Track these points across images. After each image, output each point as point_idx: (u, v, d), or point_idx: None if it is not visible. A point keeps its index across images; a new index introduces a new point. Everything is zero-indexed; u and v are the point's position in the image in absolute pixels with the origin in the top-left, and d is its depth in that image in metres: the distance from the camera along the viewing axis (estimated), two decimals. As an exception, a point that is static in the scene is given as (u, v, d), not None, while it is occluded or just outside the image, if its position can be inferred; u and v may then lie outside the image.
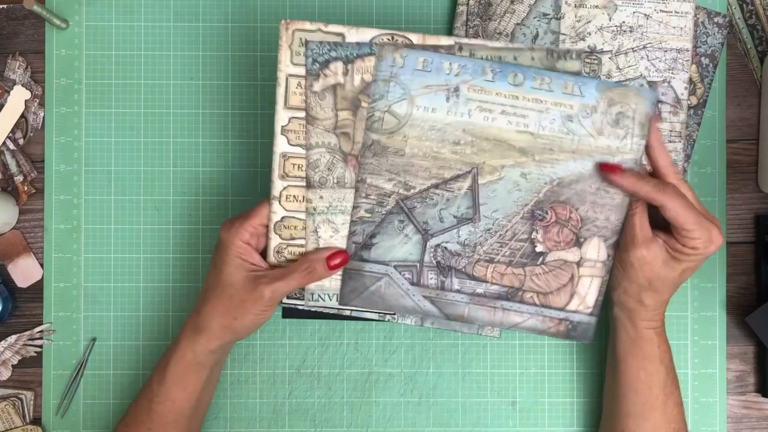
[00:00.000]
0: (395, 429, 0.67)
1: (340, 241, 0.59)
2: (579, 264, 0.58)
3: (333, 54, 0.56)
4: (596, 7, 0.66)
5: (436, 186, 0.58)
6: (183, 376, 0.57)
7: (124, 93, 0.68)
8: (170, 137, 0.68)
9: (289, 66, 0.56)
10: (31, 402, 0.67)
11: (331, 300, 0.61)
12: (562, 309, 0.59)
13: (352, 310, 0.62)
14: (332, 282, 0.60)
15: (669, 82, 0.66)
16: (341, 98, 0.56)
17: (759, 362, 0.67)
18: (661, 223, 0.56)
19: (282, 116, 0.57)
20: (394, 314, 0.67)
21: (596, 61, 0.66)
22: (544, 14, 0.66)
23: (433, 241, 0.59)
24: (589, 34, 0.66)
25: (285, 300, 0.66)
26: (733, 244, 0.68)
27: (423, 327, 0.67)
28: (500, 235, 0.58)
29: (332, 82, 0.56)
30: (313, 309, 0.61)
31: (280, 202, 0.58)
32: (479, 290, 0.59)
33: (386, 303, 0.60)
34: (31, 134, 0.68)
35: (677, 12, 0.66)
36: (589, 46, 0.66)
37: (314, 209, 0.58)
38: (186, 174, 0.68)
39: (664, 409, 0.59)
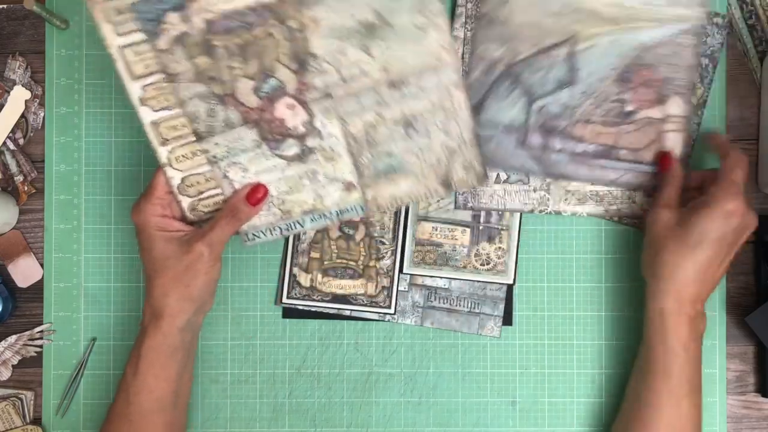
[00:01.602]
0: (395, 429, 0.67)
1: (253, 179, 0.59)
2: (664, 120, 0.63)
3: (163, 6, 0.54)
4: (597, 6, 0.66)
5: (540, 52, 0.62)
6: (155, 363, 0.58)
7: (124, 93, 0.68)
8: (170, 137, 0.68)
9: (116, 38, 0.54)
10: (31, 402, 0.67)
11: (265, 236, 0.61)
12: (653, 163, 0.64)
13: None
14: (261, 219, 0.60)
15: (670, 82, 0.66)
16: (192, 46, 0.55)
17: (759, 362, 0.67)
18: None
19: (134, 88, 0.56)
20: (394, 314, 0.67)
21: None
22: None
23: (537, 104, 0.63)
24: (590, 34, 0.66)
25: (285, 300, 0.67)
26: (733, 244, 0.68)
27: (423, 327, 0.67)
28: (595, 96, 0.63)
29: (175, 34, 0.55)
30: (313, 309, 0.60)
31: (172, 166, 0.58)
32: (578, 150, 0.63)
33: (493, 162, 0.65)
34: (31, 134, 0.68)
35: (678, 12, 0.66)
36: (589, 46, 0.66)
37: (215, 157, 0.58)
38: (186, 174, 0.68)
39: (679, 404, 0.58)
